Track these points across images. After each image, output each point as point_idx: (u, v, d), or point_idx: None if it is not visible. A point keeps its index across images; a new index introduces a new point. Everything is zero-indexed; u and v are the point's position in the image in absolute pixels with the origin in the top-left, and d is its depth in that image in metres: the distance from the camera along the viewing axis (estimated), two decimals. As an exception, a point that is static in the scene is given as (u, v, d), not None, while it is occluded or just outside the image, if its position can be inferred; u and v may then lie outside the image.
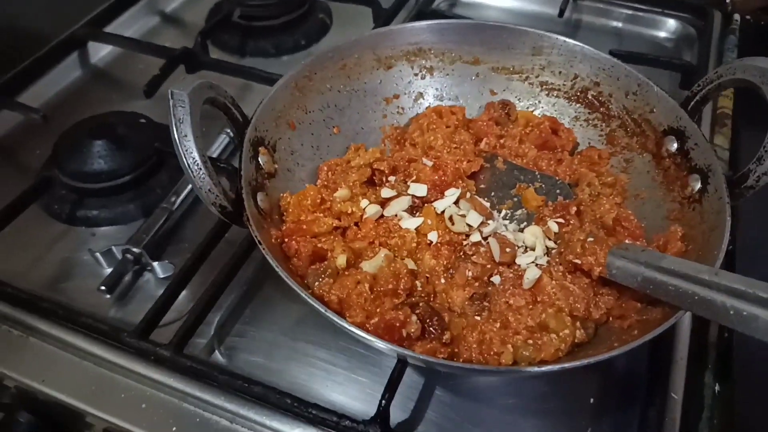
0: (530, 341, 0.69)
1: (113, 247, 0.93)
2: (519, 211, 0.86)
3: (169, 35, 1.41)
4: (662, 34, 1.40)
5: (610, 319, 0.74)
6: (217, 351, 0.85)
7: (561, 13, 1.32)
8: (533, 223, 0.83)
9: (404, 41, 0.96)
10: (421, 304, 0.70)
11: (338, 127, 0.94)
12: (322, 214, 0.78)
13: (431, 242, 0.79)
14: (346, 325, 0.63)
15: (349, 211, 0.80)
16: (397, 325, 0.67)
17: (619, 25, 1.42)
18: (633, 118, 0.90)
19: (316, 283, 0.72)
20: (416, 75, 0.99)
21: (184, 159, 0.66)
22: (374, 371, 0.82)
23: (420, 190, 0.83)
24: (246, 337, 0.87)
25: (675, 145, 0.84)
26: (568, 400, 0.80)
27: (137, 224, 0.98)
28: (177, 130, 0.66)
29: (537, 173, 0.89)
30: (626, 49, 1.22)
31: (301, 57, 1.36)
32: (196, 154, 0.67)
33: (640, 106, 0.89)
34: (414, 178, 0.84)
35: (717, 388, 0.83)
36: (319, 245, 0.75)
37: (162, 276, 0.93)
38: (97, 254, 0.93)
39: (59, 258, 0.96)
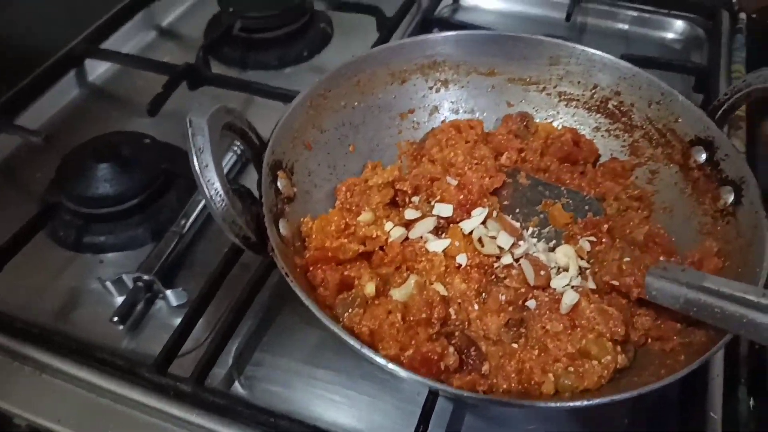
0: (571, 368, 0.67)
1: (124, 275, 0.89)
2: (546, 229, 0.84)
3: (167, 50, 1.37)
4: (670, 35, 1.37)
5: (649, 340, 0.72)
6: (237, 381, 0.82)
7: (568, 17, 1.30)
8: (563, 241, 0.81)
9: (419, 54, 0.93)
10: (456, 334, 0.68)
11: (354, 145, 0.91)
12: (346, 240, 0.75)
13: (460, 265, 0.76)
14: (382, 362, 0.60)
15: (374, 235, 0.77)
16: (435, 358, 0.64)
17: (626, 27, 1.39)
18: (657, 128, 0.88)
19: (346, 314, 0.69)
20: (431, 88, 0.96)
21: (207, 191, 0.63)
22: (398, 397, 0.80)
23: (445, 210, 0.80)
24: (265, 366, 0.84)
25: (703, 156, 0.82)
26: (601, 422, 0.78)
27: (147, 249, 0.95)
28: (198, 161, 0.62)
29: (563, 188, 0.87)
30: (634, 51, 1.19)
31: (304, 69, 1.33)
32: (218, 185, 0.63)
33: (665, 116, 0.87)
34: (438, 197, 0.82)
35: (752, 402, 0.81)
36: (345, 273, 0.72)
37: (175, 304, 0.90)
38: (108, 283, 0.90)
39: (67, 287, 0.93)
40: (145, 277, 0.88)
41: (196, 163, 0.63)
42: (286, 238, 0.74)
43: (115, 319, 0.84)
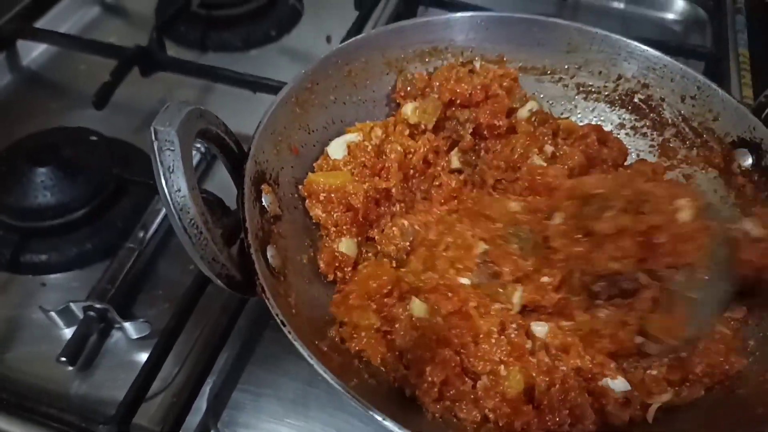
0: None
1: (71, 304, 0.77)
2: None
3: (114, 29, 1.23)
4: (670, 15, 1.29)
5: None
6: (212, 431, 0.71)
7: (563, -5, 1.19)
8: None
9: (418, 39, 0.81)
10: None
11: (346, 146, 0.78)
12: (375, 304, 0.63)
13: None
14: None
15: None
16: None
17: (622, 6, 1.30)
18: (692, 126, 0.78)
19: None
20: (432, 79, 0.84)
21: (179, 220, 0.50)
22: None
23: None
24: (246, 409, 0.73)
25: (749, 160, 0.73)
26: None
27: (98, 269, 0.83)
28: (167, 184, 0.49)
29: None
30: (631, 33, 1.09)
31: (272, 50, 1.20)
32: (194, 212, 0.50)
33: (701, 113, 0.77)
34: None
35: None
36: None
37: (136, 337, 0.77)
38: (52, 314, 0.78)
39: (2, 317, 0.80)
40: (98, 306, 0.77)
41: (165, 188, 0.49)
42: (277, 270, 0.61)
43: (63, 358, 0.72)
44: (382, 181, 0.72)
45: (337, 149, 0.74)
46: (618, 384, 0.61)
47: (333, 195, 0.69)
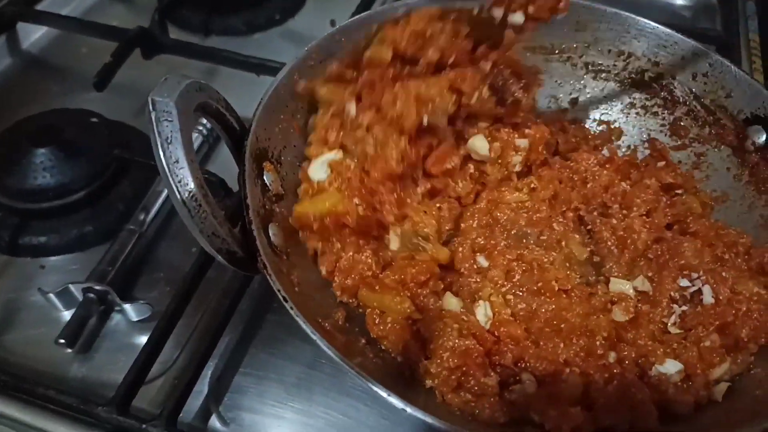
0: None
1: (71, 286, 0.76)
2: None
3: (115, 12, 1.22)
4: (679, 1, 1.26)
5: None
6: (214, 415, 0.70)
7: (570, -22, 1.17)
8: None
9: (420, 16, 0.79)
10: None
11: (349, 125, 0.77)
12: (409, 292, 0.62)
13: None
14: None
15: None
16: None
17: (631, -9, 1.27)
18: (704, 104, 0.77)
19: None
20: (435, 58, 0.82)
21: (178, 193, 0.49)
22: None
23: None
24: (248, 393, 0.72)
25: (763, 137, 0.72)
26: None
27: (98, 252, 0.82)
28: (165, 155, 0.48)
29: None
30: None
31: (275, 34, 1.19)
32: (192, 185, 0.49)
33: (713, 90, 0.76)
34: None
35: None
36: None
37: (136, 319, 0.76)
38: (51, 295, 0.77)
39: (0, 300, 0.79)
40: (98, 288, 0.76)
41: (163, 158, 0.48)
42: (279, 249, 0.60)
43: (62, 340, 0.72)
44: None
45: (318, 170, 0.68)
46: (668, 366, 0.60)
47: (326, 220, 0.64)
